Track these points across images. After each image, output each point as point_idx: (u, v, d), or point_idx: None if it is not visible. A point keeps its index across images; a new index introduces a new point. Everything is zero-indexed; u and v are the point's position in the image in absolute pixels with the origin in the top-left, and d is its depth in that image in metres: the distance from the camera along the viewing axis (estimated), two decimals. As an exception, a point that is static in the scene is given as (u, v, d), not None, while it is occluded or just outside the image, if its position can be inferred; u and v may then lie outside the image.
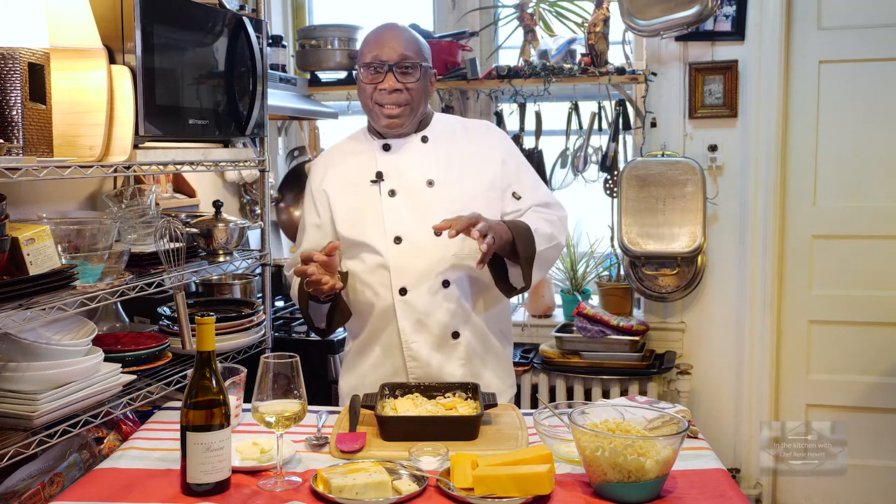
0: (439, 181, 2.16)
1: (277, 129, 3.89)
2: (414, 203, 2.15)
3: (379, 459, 1.72)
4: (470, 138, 2.26)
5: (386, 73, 2.11)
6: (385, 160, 2.20)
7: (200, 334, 1.62)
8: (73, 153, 1.97)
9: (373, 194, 2.18)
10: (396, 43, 2.13)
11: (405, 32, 2.17)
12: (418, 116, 2.20)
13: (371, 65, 2.13)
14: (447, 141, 2.23)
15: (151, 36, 2.08)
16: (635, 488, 1.55)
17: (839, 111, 3.36)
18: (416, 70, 2.13)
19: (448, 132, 2.25)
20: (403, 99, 2.13)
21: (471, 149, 2.23)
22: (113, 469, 1.75)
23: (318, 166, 2.32)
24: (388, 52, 2.12)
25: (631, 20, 3.21)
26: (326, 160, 2.32)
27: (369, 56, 2.14)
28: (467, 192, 2.16)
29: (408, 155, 2.20)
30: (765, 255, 3.41)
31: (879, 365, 3.39)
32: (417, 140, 2.22)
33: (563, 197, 3.57)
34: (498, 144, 2.27)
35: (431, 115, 2.28)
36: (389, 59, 2.11)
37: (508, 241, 2.06)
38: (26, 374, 1.82)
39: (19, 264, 1.80)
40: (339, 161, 2.28)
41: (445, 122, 2.30)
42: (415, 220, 2.13)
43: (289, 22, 4.03)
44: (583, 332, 3.33)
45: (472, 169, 2.20)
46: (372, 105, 2.15)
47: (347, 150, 2.30)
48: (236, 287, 2.94)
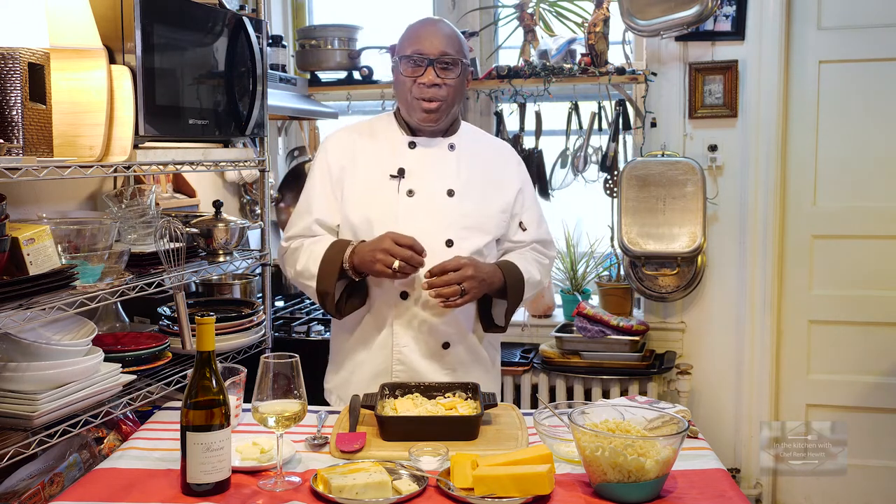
0: (459, 192, 2.16)
1: (277, 129, 3.89)
2: (430, 209, 2.14)
3: (379, 459, 1.72)
4: (494, 157, 2.28)
5: (426, 67, 2.10)
6: (409, 157, 2.18)
7: (200, 334, 1.62)
8: (73, 153, 1.97)
9: (390, 188, 2.15)
10: (438, 38, 2.12)
11: (447, 28, 2.18)
12: (453, 114, 2.20)
13: (411, 58, 2.12)
14: (472, 154, 2.22)
15: (151, 36, 2.08)
16: (635, 488, 1.55)
17: (839, 111, 3.36)
18: (457, 66, 2.13)
19: (474, 146, 2.25)
20: (442, 94, 2.11)
21: (493, 169, 2.24)
22: (113, 469, 1.75)
23: (339, 138, 2.25)
24: (429, 47, 2.11)
25: (631, 20, 3.21)
26: (349, 136, 2.25)
27: (410, 49, 2.13)
28: (483, 210, 2.18)
29: (433, 158, 2.18)
30: (765, 255, 3.41)
31: (879, 365, 3.39)
32: (445, 146, 2.20)
33: (563, 197, 3.60)
34: (517, 172, 2.30)
35: (460, 121, 2.27)
36: (430, 54, 2.10)
37: (500, 288, 2.13)
38: (26, 374, 1.82)
39: (19, 264, 1.80)
40: (362, 141, 2.22)
41: (472, 134, 2.30)
42: (429, 226, 2.11)
43: (289, 22, 4.03)
44: (583, 332, 3.33)
45: (492, 188, 2.21)
46: (410, 99, 2.13)
47: (372, 132, 2.25)
48: (236, 287, 2.94)
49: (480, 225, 2.15)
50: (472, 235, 2.14)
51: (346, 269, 2.07)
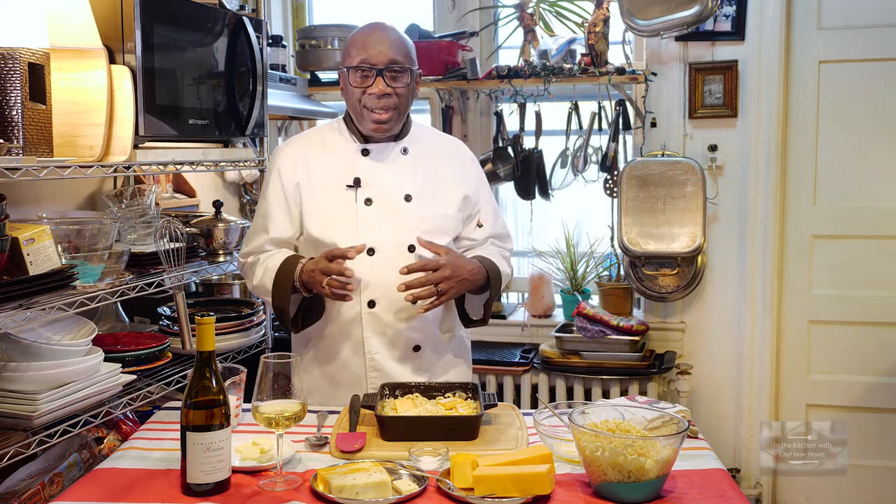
0: (416, 196, 2.15)
1: (277, 129, 3.89)
2: (389, 216, 2.13)
3: (379, 459, 1.72)
4: (447, 157, 2.26)
5: (375, 77, 2.06)
6: (364, 166, 2.16)
7: (200, 334, 1.62)
8: (73, 153, 1.97)
9: (347, 199, 2.13)
10: (385, 46, 2.07)
11: (392, 34, 2.12)
12: (403, 118, 2.19)
13: (359, 68, 2.08)
14: (426, 156, 2.22)
15: (151, 36, 2.08)
16: (635, 488, 1.55)
17: (839, 111, 3.35)
18: (406, 74, 2.09)
19: (427, 147, 2.24)
20: (392, 103, 2.09)
21: (448, 168, 2.23)
22: (113, 469, 1.75)
23: (288, 154, 2.20)
24: (377, 56, 2.06)
25: (631, 20, 3.21)
26: (298, 150, 2.20)
27: (357, 58, 2.08)
28: (441, 212, 2.17)
29: (387, 165, 2.16)
30: (765, 255, 3.41)
31: (879, 365, 3.39)
32: (398, 150, 2.18)
33: (563, 197, 3.60)
34: (472, 169, 2.30)
35: (410, 121, 2.25)
36: (378, 63, 2.06)
37: (485, 280, 2.13)
38: (26, 374, 1.82)
39: (19, 264, 1.80)
40: (313, 155, 2.19)
41: (423, 134, 2.28)
42: (389, 233, 2.11)
43: (289, 22, 4.03)
44: (583, 332, 3.33)
45: (448, 188, 2.20)
46: (360, 109, 2.10)
47: (322, 143, 2.21)
48: (236, 287, 2.95)
49: (439, 227, 2.14)
50: (433, 238, 2.11)
51: (297, 286, 2.07)
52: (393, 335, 2.14)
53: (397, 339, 2.14)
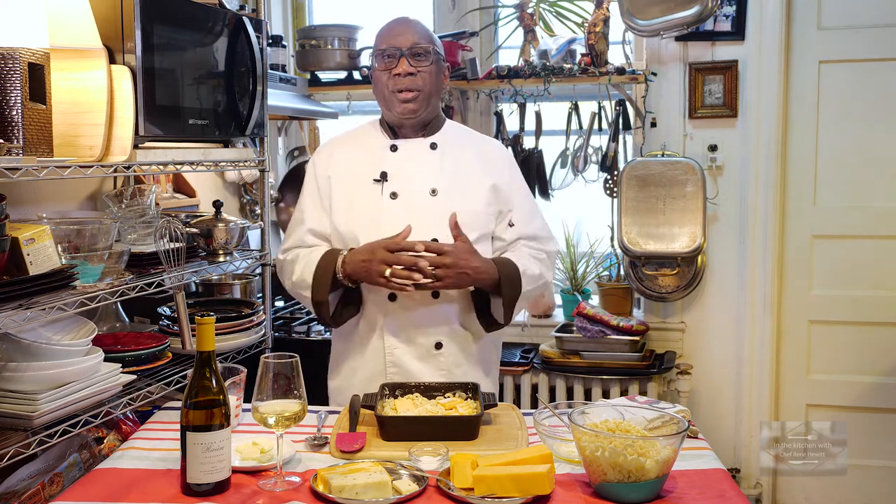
0: (443, 191, 2.16)
1: (277, 129, 3.89)
2: (414, 210, 2.14)
3: (379, 459, 1.72)
4: (479, 152, 2.26)
5: (399, 58, 2.13)
6: (391, 160, 2.19)
7: (200, 334, 1.62)
8: (73, 153, 1.97)
9: (373, 193, 2.17)
10: (409, 32, 2.17)
11: (417, 24, 2.21)
12: (431, 108, 2.20)
13: (385, 52, 2.15)
14: (456, 150, 2.22)
15: (151, 36, 2.08)
16: (635, 488, 1.55)
17: (839, 111, 3.35)
18: (429, 55, 2.15)
19: (458, 142, 2.25)
20: (418, 84, 2.13)
21: (478, 163, 2.23)
22: (113, 469, 1.75)
23: (324, 150, 2.32)
24: (401, 41, 2.15)
25: (631, 20, 3.21)
26: (333, 146, 2.31)
27: (383, 45, 2.17)
28: (468, 207, 2.16)
29: (415, 159, 2.19)
30: (765, 255, 3.41)
31: (879, 365, 3.39)
32: (426, 145, 2.21)
33: (563, 197, 3.60)
34: (503, 161, 2.29)
35: (443, 120, 2.27)
36: (402, 46, 2.14)
37: (495, 281, 2.11)
38: (26, 374, 1.82)
39: (19, 264, 1.80)
40: (345, 150, 2.27)
41: (456, 131, 2.30)
42: (413, 226, 2.11)
43: (289, 22, 4.03)
44: (583, 332, 3.34)
45: (478, 184, 2.20)
46: (388, 93, 2.16)
47: (355, 140, 2.29)
48: (236, 287, 2.94)
49: (465, 222, 2.12)
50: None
51: (339, 278, 2.09)
52: (413, 330, 2.14)
53: (418, 335, 2.14)
